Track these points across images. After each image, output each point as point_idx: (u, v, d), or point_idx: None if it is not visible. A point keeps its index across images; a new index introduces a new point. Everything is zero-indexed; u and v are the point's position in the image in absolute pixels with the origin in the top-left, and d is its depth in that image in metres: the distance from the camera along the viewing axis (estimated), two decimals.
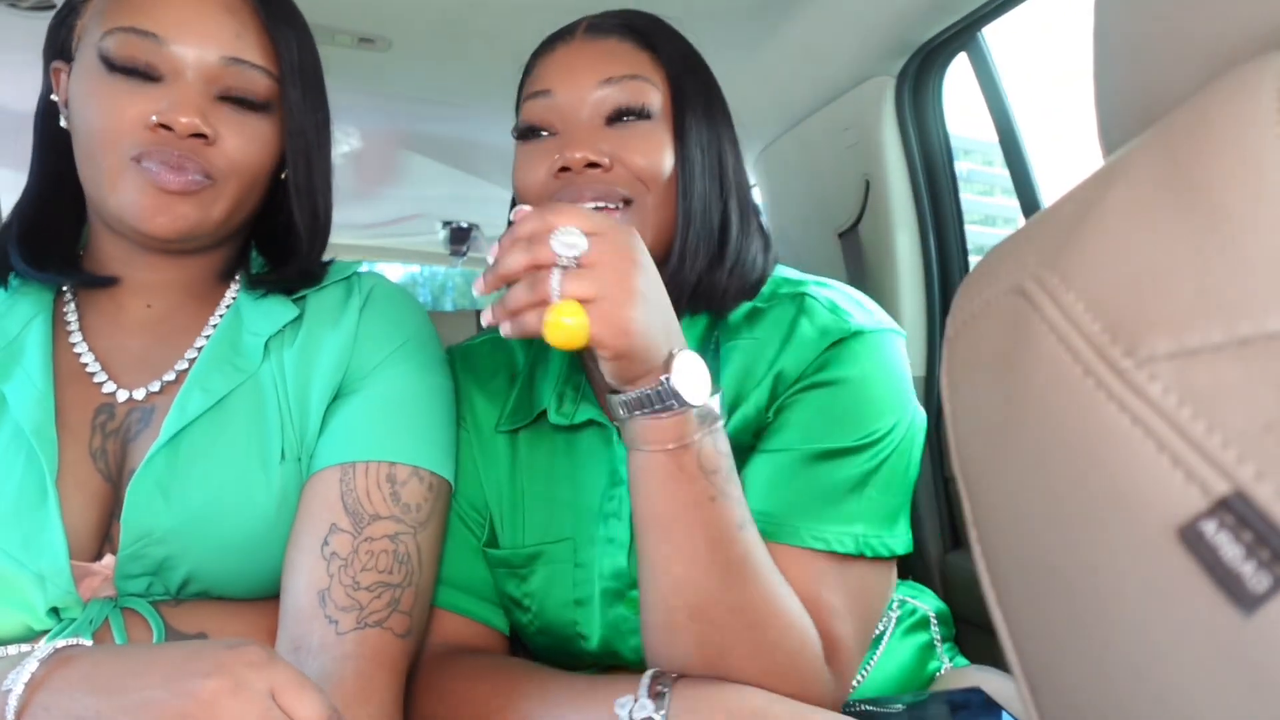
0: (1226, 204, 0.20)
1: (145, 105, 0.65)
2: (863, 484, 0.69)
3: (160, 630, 0.64)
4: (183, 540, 0.66)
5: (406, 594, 0.66)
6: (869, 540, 0.68)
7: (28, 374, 0.69)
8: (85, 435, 0.69)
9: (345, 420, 0.71)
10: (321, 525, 0.66)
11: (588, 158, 0.70)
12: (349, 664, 0.60)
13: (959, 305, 0.31)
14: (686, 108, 0.75)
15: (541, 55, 0.80)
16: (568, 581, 0.76)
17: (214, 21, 0.67)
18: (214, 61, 0.67)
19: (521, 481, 0.81)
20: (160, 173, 0.65)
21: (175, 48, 0.66)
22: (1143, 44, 0.27)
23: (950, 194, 1.41)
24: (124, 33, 0.65)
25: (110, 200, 0.67)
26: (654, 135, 0.73)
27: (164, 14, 0.66)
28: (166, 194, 0.66)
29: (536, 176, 0.73)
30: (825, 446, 0.69)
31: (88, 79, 0.66)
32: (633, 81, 0.73)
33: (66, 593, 0.64)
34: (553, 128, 0.74)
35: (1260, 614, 0.17)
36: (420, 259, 3.53)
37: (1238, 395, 0.19)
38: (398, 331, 0.76)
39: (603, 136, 0.72)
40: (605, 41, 0.76)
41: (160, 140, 0.65)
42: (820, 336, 0.72)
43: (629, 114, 0.73)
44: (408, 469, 0.69)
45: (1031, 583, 0.25)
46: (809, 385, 0.72)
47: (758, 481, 0.71)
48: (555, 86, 0.74)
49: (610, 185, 0.71)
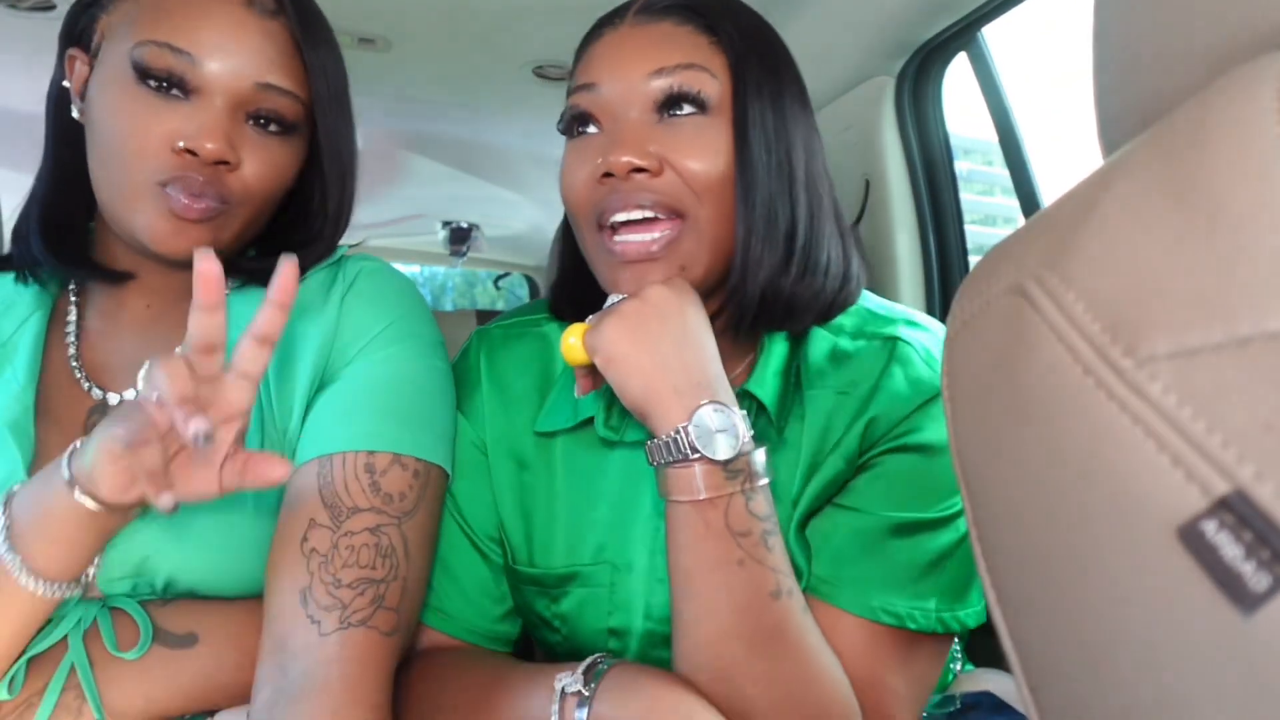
0: (1226, 204, 0.20)
1: (172, 124, 0.64)
2: (944, 557, 0.65)
3: (148, 630, 0.64)
4: (160, 542, 0.66)
5: (392, 589, 0.64)
6: (943, 615, 0.64)
7: (14, 370, 0.69)
8: (76, 432, 0.68)
9: (322, 411, 0.69)
10: (300, 521, 0.64)
11: (633, 162, 0.63)
12: (334, 667, 0.59)
13: (959, 305, 0.31)
14: (749, 97, 0.67)
15: (589, 42, 0.71)
16: (603, 608, 0.72)
17: (250, 46, 0.66)
18: (246, 87, 0.66)
19: (558, 492, 0.75)
20: (180, 199, 0.65)
21: (209, 69, 0.65)
22: (1142, 45, 0.27)
23: (950, 194, 1.41)
24: (158, 47, 0.64)
25: (125, 218, 0.66)
26: (708, 132, 0.65)
27: (202, 34, 0.65)
28: (183, 220, 0.66)
29: (580, 180, 0.67)
30: (908, 517, 0.65)
31: (114, 85, 0.65)
32: (687, 71, 0.65)
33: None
34: (598, 123, 0.68)
35: (1260, 614, 0.17)
36: (420, 259, 3.53)
37: (1238, 395, 0.19)
38: (382, 315, 0.73)
39: (651, 135, 0.65)
40: (658, 25, 0.68)
41: (184, 165, 0.65)
42: (913, 392, 0.68)
43: (681, 107, 0.65)
44: (388, 457, 0.67)
45: (1032, 582, 0.25)
46: (896, 448, 0.67)
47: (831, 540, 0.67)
48: (601, 78, 0.67)
49: (658, 194, 0.64)
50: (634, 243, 0.64)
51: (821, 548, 0.68)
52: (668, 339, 0.62)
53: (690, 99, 0.65)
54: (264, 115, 0.68)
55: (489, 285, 4.42)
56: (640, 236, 0.64)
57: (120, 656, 0.63)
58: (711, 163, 0.65)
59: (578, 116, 0.68)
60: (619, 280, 0.66)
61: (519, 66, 1.55)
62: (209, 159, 0.65)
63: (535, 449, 0.76)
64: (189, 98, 0.65)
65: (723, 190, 0.65)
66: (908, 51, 1.33)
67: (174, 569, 0.67)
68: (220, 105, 0.66)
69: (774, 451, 0.71)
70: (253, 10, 0.67)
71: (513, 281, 3.82)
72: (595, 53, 0.69)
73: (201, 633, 0.66)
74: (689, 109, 0.65)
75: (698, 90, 0.65)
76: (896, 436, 0.67)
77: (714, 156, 0.65)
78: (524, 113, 1.81)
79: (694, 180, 0.64)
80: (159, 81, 0.64)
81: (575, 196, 0.68)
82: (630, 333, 0.62)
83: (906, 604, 0.64)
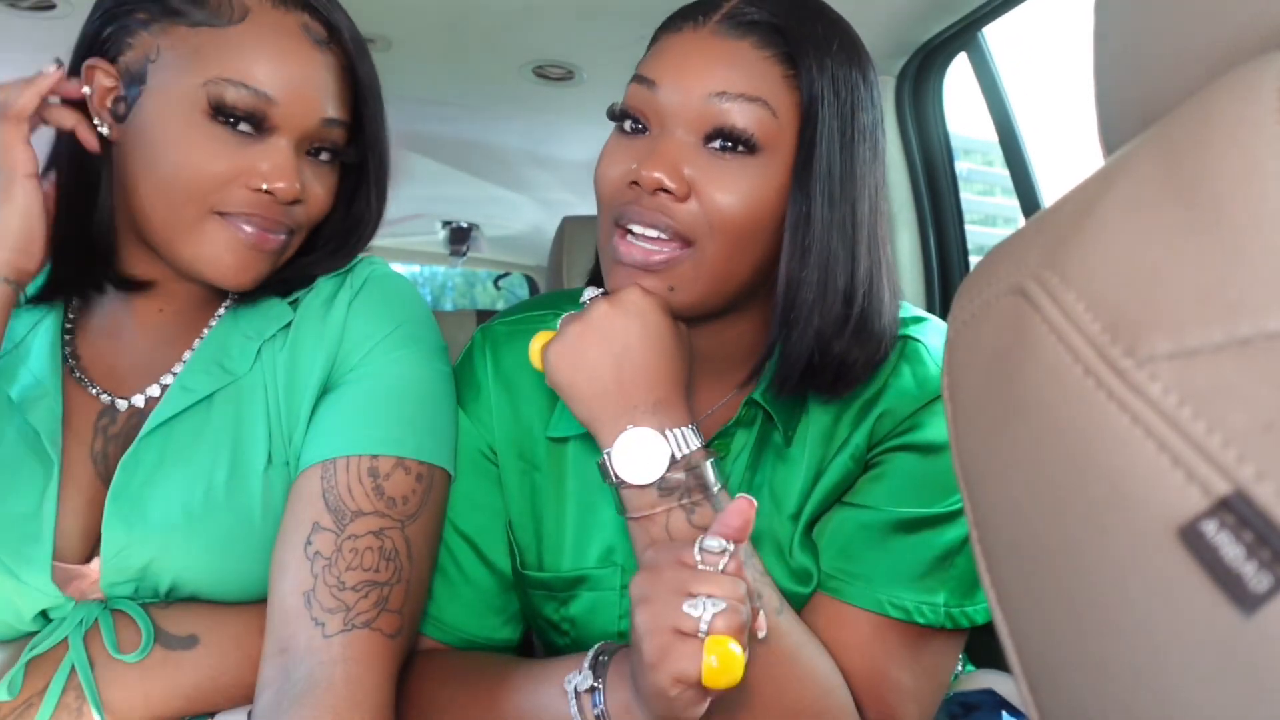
0: (1227, 204, 0.20)
1: (244, 161, 0.64)
2: (953, 552, 0.65)
3: (149, 632, 0.64)
4: (164, 547, 0.66)
5: (395, 591, 0.64)
6: (951, 611, 0.64)
7: (35, 377, 0.69)
8: (88, 438, 0.69)
9: (326, 416, 0.70)
10: (304, 525, 0.65)
11: (662, 183, 0.61)
12: (338, 668, 0.59)
13: (959, 305, 0.31)
14: (819, 144, 0.62)
15: (666, 31, 0.67)
16: (613, 612, 0.72)
17: (317, 82, 0.66)
18: (314, 124, 0.67)
19: (568, 494, 0.75)
20: (255, 234, 0.66)
21: (285, 109, 0.65)
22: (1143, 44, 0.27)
23: (950, 194, 1.41)
24: (235, 86, 0.63)
25: (183, 248, 0.66)
26: (750, 173, 0.62)
27: (276, 74, 0.64)
28: (254, 251, 0.67)
29: (612, 176, 0.66)
30: (915, 512, 0.65)
31: (179, 120, 0.63)
32: (749, 104, 0.61)
33: (48, 597, 0.64)
34: (647, 123, 0.65)
35: (1261, 614, 0.17)
36: (420, 259, 3.54)
37: (1238, 395, 0.19)
38: (386, 320, 0.74)
39: (691, 157, 0.62)
40: (738, 42, 0.62)
41: (259, 203, 0.65)
42: (919, 389, 0.67)
43: (728, 144, 0.62)
44: (391, 461, 0.67)
45: (1032, 582, 0.25)
46: (901, 446, 0.67)
47: (838, 537, 0.68)
48: (662, 80, 0.63)
49: (675, 221, 0.62)
50: (637, 249, 0.64)
51: (828, 544, 0.68)
52: (606, 361, 0.63)
53: (742, 140, 0.61)
54: (323, 147, 0.69)
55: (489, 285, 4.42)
56: (645, 245, 0.64)
57: (121, 659, 0.63)
58: (741, 203, 0.62)
59: (629, 113, 0.66)
60: (611, 278, 0.66)
61: (519, 66, 1.55)
62: (285, 199, 0.65)
63: (546, 451, 0.76)
64: (261, 136, 0.65)
65: (741, 227, 0.62)
66: (908, 51, 1.33)
67: (178, 575, 0.67)
68: (291, 142, 0.66)
69: (779, 461, 0.71)
70: (314, 44, 0.66)
71: (513, 281, 3.82)
72: (667, 48, 0.65)
73: (202, 634, 0.66)
74: (739, 148, 0.62)
75: (751, 133, 0.61)
76: (903, 433, 0.68)
77: (747, 198, 0.62)
78: (524, 113, 1.81)
79: (715, 214, 0.62)
80: (235, 119, 0.64)
81: (603, 189, 0.67)
82: (571, 356, 0.63)
83: (914, 598, 0.64)
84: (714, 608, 0.49)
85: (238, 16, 0.64)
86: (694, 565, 0.52)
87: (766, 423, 0.71)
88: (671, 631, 0.50)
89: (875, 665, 0.64)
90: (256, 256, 0.67)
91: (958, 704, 0.75)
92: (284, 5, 0.65)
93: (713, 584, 0.51)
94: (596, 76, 1.57)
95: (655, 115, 0.64)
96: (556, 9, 1.31)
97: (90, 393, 0.71)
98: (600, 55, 1.48)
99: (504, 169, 2.26)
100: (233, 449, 0.69)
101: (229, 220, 0.65)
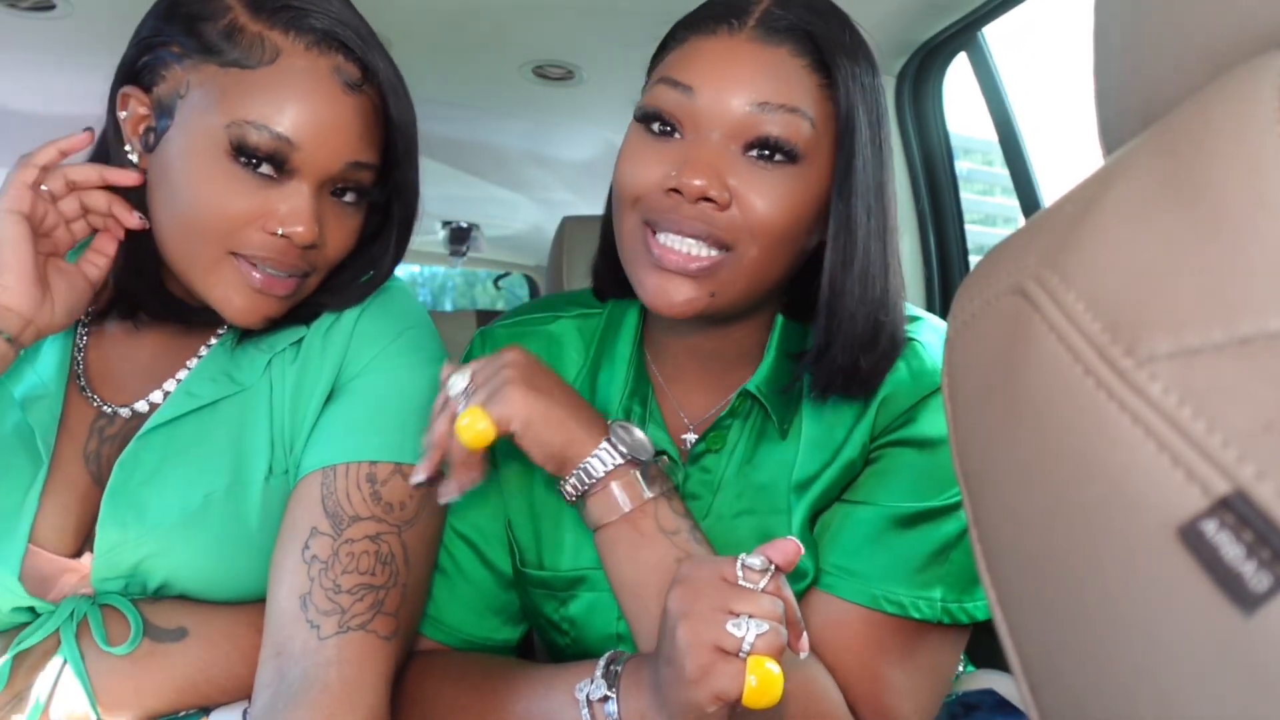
0: (1227, 203, 0.20)
1: (263, 204, 0.64)
2: (948, 547, 0.65)
3: (138, 626, 0.65)
4: (157, 548, 0.66)
5: (391, 595, 0.65)
6: (949, 606, 0.64)
7: (40, 378, 0.69)
8: (82, 438, 0.69)
9: (327, 423, 0.71)
10: (303, 529, 0.65)
11: (706, 192, 0.60)
12: (332, 670, 0.60)
13: (959, 305, 0.31)
14: (856, 154, 0.63)
15: (696, 33, 0.65)
16: (611, 613, 0.72)
17: (343, 126, 0.65)
18: (338, 168, 0.66)
19: None
20: (263, 280, 0.66)
21: (307, 154, 0.64)
22: (1143, 44, 0.27)
23: (950, 194, 1.41)
24: (258, 129, 0.62)
25: (197, 283, 0.67)
26: (789, 182, 0.62)
27: (302, 118, 0.63)
28: (263, 295, 0.66)
29: (643, 180, 0.64)
30: (910, 507, 0.66)
31: (202, 155, 0.63)
32: (790, 115, 0.61)
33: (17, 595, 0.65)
34: (679, 128, 0.64)
35: (1261, 614, 0.17)
36: (420, 259, 3.53)
37: (1238, 394, 0.19)
38: (389, 330, 0.75)
39: (731, 166, 0.62)
40: (775, 50, 0.62)
41: (275, 247, 0.65)
42: (914, 384, 0.68)
43: (771, 154, 0.62)
44: (389, 467, 0.68)
45: (1032, 582, 0.25)
46: (897, 441, 0.68)
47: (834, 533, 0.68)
48: (699, 86, 0.62)
49: (716, 228, 0.62)
50: (674, 252, 0.63)
51: (825, 541, 0.68)
52: (555, 388, 0.65)
53: (783, 150, 0.62)
54: (348, 188, 0.68)
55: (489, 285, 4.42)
56: (685, 250, 0.63)
57: (111, 651, 0.63)
58: (783, 210, 0.62)
59: (660, 115, 0.64)
60: (646, 283, 0.65)
61: (519, 66, 1.55)
62: (302, 243, 0.65)
63: None
64: (282, 179, 0.64)
65: (782, 233, 0.63)
66: (908, 51, 1.33)
67: (170, 574, 0.67)
68: (312, 186, 0.65)
69: (774, 454, 0.71)
70: (345, 86, 0.65)
71: (513, 281, 3.82)
72: (701, 51, 0.64)
73: (191, 627, 0.67)
74: (778, 157, 0.62)
75: (794, 143, 0.61)
76: (899, 427, 0.68)
77: (787, 205, 0.62)
78: (524, 113, 1.81)
79: (757, 222, 0.62)
80: (256, 160, 0.63)
81: (631, 190, 0.65)
82: (530, 393, 0.63)
83: (910, 593, 0.64)
84: (757, 628, 0.50)
85: (268, 59, 0.63)
86: (735, 581, 0.52)
87: (761, 415, 0.71)
88: (714, 649, 0.50)
89: (868, 664, 0.63)
90: (266, 301, 0.67)
91: (958, 704, 0.75)
92: (318, 47, 0.64)
93: (754, 603, 0.51)
94: (596, 76, 1.57)
95: (691, 120, 0.63)
96: (556, 9, 1.31)
97: (91, 398, 0.71)
98: (600, 55, 1.48)
99: (504, 169, 2.26)
100: (235, 457, 0.70)
101: (242, 263, 0.65)
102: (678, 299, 0.63)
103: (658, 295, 0.64)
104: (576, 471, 0.63)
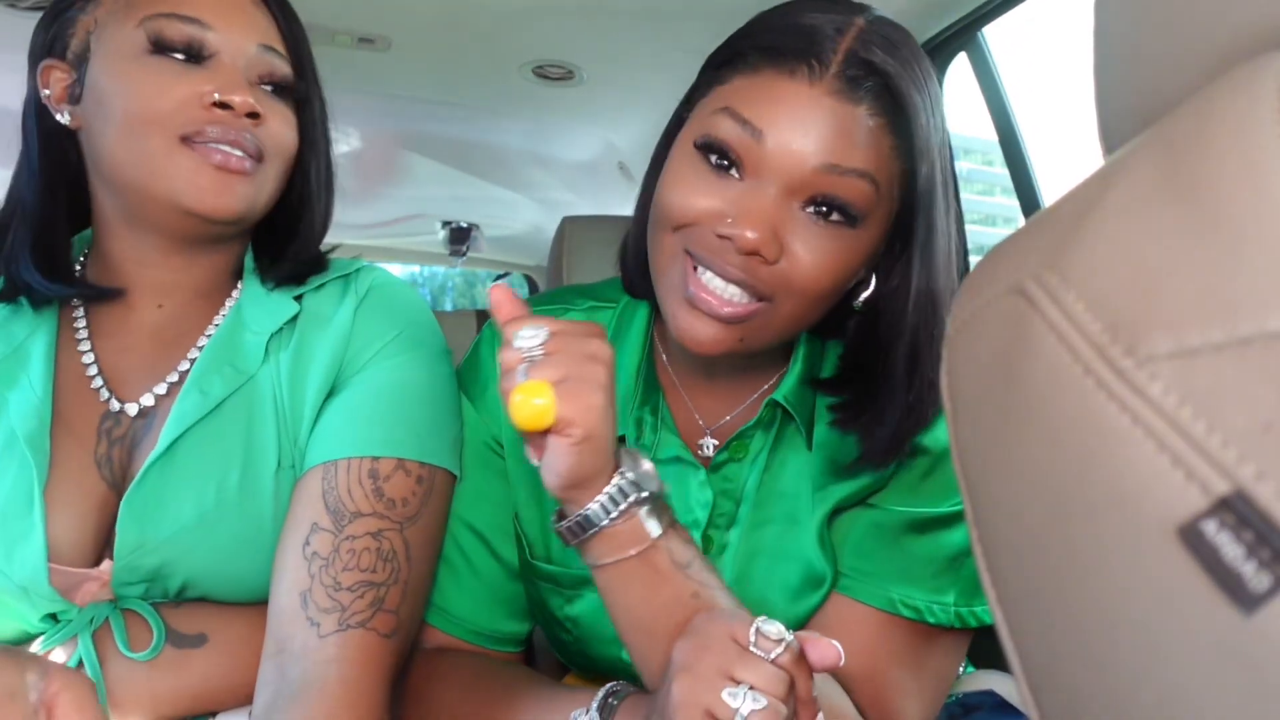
0: (1227, 203, 0.20)
1: (194, 85, 0.66)
2: (962, 553, 0.65)
3: (160, 631, 0.64)
4: (177, 550, 0.66)
5: (392, 592, 0.64)
6: (960, 610, 0.64)
7: (30, 380, 0.69)
8: (91, 442, 0.69)
9: (329, 419, 0.70)
10: (304, 526, 0.65)
11: (759, 247, 0.59)
12: (332, 668, 0.59)
13: (959, 305, 0.31)
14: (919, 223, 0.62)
15: (772, 66, 0.61)
16: None
17: (248, 12, 0.70)
18: (253, 50, 0.70)
19: None
20: (220, 152, 0.66)
21: (220, 35, 0.68)
22: (1143, 44, 0.27)
23: None
24: (167, 18, 0.66)
25: (159, 183, 0.66)
26: (842, 243, 0.61)
27: (205, 4, 0.68)
28: (225, 173, 0.67)
29: (693, 212, 0.62)
30: (925, 512, 0.65)
31: (124, 63, 0.66)
32: (858, 180, 0.59)
33: (49, 600, 0.64)
34: (740, 167, 0.61)
35: (1261, 614, 0.17)
36: (420, 259, 3.53)
37: (1238, 395, 0.19)
38: (391, 326, 0.75)
39: (786, 219, 0.60)
40: (854, 108, 0.59)
41: (217, 119, 0.66)
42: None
43: (831, 215, 0.60)
44: (391, 462, 0.67)
45: (1031, 582, 0.25)
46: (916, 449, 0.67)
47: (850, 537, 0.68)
48: (770, 131, 0.59)
49: (758, 281, 0.61)
50: (712, 295, 0.61)
51: (842, 544, 0.68)
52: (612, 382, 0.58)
53: (845, 212, 0.60)
54: (268, 79, 0.71)
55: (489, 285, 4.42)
56: (719, 290, 0.62)
57: (133, 657, 0.63)
58: (831, 270, 0.61)
59: (722, 149, 0.61)
60: (677, 314, 0.63)
61: (519, 66, 1.55)
62: (242, 111, 0.67)
63: None
64: (204, 63, 0.68)
65: (824, 291, 0.62)
66: None
67: (190, 576, 0.67)
68: (235, 65, 0.69)
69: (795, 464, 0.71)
70: None
71: (512, 281, 3.82)
72: (776, 93, 0.60)
73: (211, 632, 0.67)
74: (836, 217, 0.60)
75: (858, 208, 0.60)
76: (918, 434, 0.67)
77: (836, 264, 0.61)
78: (524, 113, 1.81)
79: (800, 276, 0.60)
80: (174, 51, 0.67)
81: (678, 218, 0.63)
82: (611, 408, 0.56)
83: (925, 598, 0.64)
84: (754, 703, 0.46)
85: None
86: (745, 644, 0.49)
87: (785, 425, 0.71)
88: (705, 714, 0.47)
89: (880, 666, 0.63)
90: (229, 179, 0.67)
91: (958, 705, 0.75)
92: None
93: (758, 673, 0.47)
94: (596, 76, 1.57)
95: (754, 164, 0.61)
96: (556, 9, 1.31)
97: (97, 397, 0.71)
98: (600, 55, 1.48)
99: (504, 169, 2.26)
100: (245, 451, 0.70)
101: (196, 147, 0.66)
102: (704, 338, 0.62)
103: (686, 331, 0.63)
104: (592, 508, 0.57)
